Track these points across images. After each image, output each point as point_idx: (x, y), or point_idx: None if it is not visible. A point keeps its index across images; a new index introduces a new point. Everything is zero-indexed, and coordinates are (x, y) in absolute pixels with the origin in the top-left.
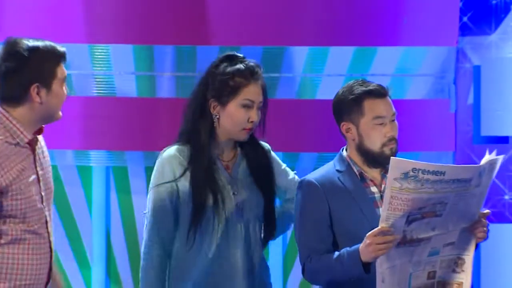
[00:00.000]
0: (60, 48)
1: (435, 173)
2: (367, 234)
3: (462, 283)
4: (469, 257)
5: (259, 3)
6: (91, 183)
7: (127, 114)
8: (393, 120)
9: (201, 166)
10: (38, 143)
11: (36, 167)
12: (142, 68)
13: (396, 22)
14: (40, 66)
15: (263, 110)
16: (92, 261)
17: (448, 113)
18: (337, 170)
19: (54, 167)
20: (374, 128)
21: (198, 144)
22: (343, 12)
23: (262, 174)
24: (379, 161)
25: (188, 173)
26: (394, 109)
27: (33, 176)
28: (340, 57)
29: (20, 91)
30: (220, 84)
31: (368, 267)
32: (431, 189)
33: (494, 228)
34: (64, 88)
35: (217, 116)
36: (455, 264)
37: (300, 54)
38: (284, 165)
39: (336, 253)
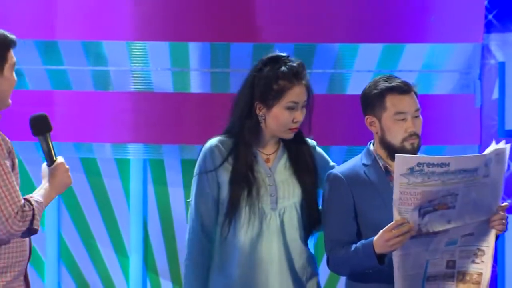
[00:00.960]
0: (10, 35)
1: (440, 165)
2: (382, 230)
3: (482, 273)
4: (488, 249)
5: (291, 1)
6: (129, 175)
7: (163, 108)
8: (416, 116)
9: (241, 160)
10: None
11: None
12: (177, 65)
13: (423, 20)
14: None
15: (309, 108)
16: (130, 251)
17: (474, 107)
18: (364, 164)
19: (93, 160)
20: (396, 123)
21: (242, 141)
22: (372, 10)
23: (303, 168)
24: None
25: (227, 164)
26: (417, 106)
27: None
28: (369, 53)
29: None
30: (264, 88)
31: (383, 259)
32: (438, 181)
33: None
34: (13, 74)
35: (263, 117)
36: (475, 255)
37: (331, 51)
38: (332, 163)
39: (353, 245)
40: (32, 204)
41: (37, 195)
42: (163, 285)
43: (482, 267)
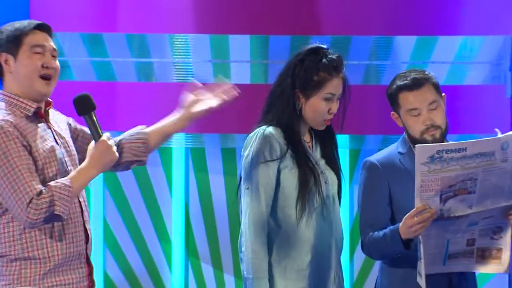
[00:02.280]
0: (34, 21)
1: (457, 150)
2: (405, 216)
3: (501, 249)
4: (506, 224)
5: None
6: (171, 164)
7: None
8: (432, 109)
9: (300, 148)
10: (50, 115)
11: (54, 136)
12: (218, 56)
13: (455, 13)
14: (7, 37)
15: (343, 101)
16: (172, 236)
17: (504, 97)
18: (399, 152)
19: None
20: (411, 119)
21: (291, 129)
22: (406, 3)
23: (333, 159)
24: None
25: (288, 154)
26: (432, 98)
27: (49, 143)
28: (403, 45)
29: None
30: (305, 78)
31: (409, 244)
32: (456, 166)
33: None
34: (36, 57)
35: (301, 106)
36: (493, 232)
37: (366, 43)
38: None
39: (382, 231)
40: (50, 191)
41: (68, 178)
42: (204, 269)
43: (501, 242)
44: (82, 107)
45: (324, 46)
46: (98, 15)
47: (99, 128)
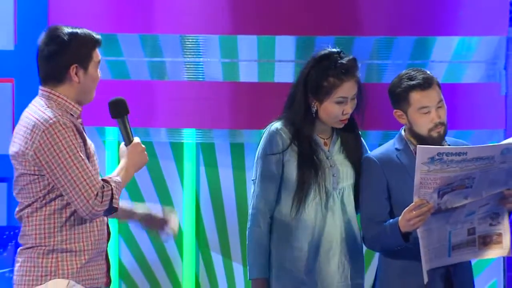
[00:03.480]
0: (96, 35)
1: (458, 154)
2: (404, 211)
3: (501, 233)
4: (503, 210)
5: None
6: (183, 158)
7: (214, 96)
8: (439, 107)
9: (305, 145)
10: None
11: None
12: (226, 56)
13: (453, 14)
14: (78, 49)
15: (360, 100)
16: (183, 226)
17: (499, 95)
18: (396, 148)
19: (150, 143)
20: (421, 117)
21: (301, 129)
22: (406, 6)
23: (354, 153)
24: (428, 143)
25: (292, 148)
26: (440, 97)
27: (92, 145)
28: (403, 45)
29: (61, 71)
30: (316, 84)
31: (408, 237)
32: (456, 168)
33: None
34: (98, 71)
35: (315, 109)
36: (491, 218)
37: (368, 43)
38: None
39: (383, 224)
40: (110, 185)
41: (116, 175)
42: (214, 258)
43: (500, 228)
44: (117, 110)
45: (336, 50)
46: (113, 16)
47: (130, 132)
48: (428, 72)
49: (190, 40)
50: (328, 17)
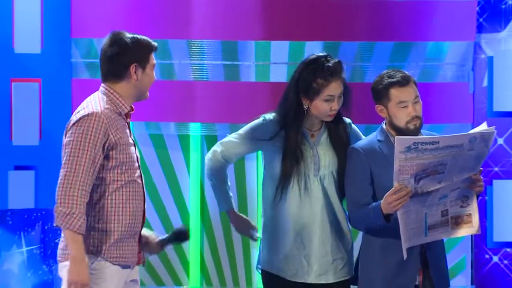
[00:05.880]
0: (153, 42)
1: (431, 143)
2: (385, 195)
3: (471, 214)
4: (471, 193)
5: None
6: (189, 149)
7: (217, 95)
8: (416, 102)
9: (292, 139)
10: (129, 117)
11: (130, 133)
12: (228, 59)
13: (427, 22)
14: (138, 51)
15: (346, 98)
16: (190, 209)
17: (468, 93)
18: (378, 140)
19: (160, 136)
20: (399, 110)
21: (291, 123)
22: (385, 15)
23: (339, 142)
24: (406, 134)
25: (278, 140)
26: (416, 93)
27: (130, 139)
28: (383, 49)
29: (122, 69)
30: (306, 85)
31: (389, 218)
32: (429, 155)
33: (504, 183)
34: (154, 73)
35: (307, 107)
36: (462, 201)
37: (352, 48)
38: (364, 137)
39: (367, 207)
40: (77, 212)
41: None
42: (217, 237)
43: (470, 209)
44: (179, 238)
45: (323, 54)
46: (126, 22)
47: (167, 245)
48: (406, 72)
49: (196, 45)
50: (317, 24)
